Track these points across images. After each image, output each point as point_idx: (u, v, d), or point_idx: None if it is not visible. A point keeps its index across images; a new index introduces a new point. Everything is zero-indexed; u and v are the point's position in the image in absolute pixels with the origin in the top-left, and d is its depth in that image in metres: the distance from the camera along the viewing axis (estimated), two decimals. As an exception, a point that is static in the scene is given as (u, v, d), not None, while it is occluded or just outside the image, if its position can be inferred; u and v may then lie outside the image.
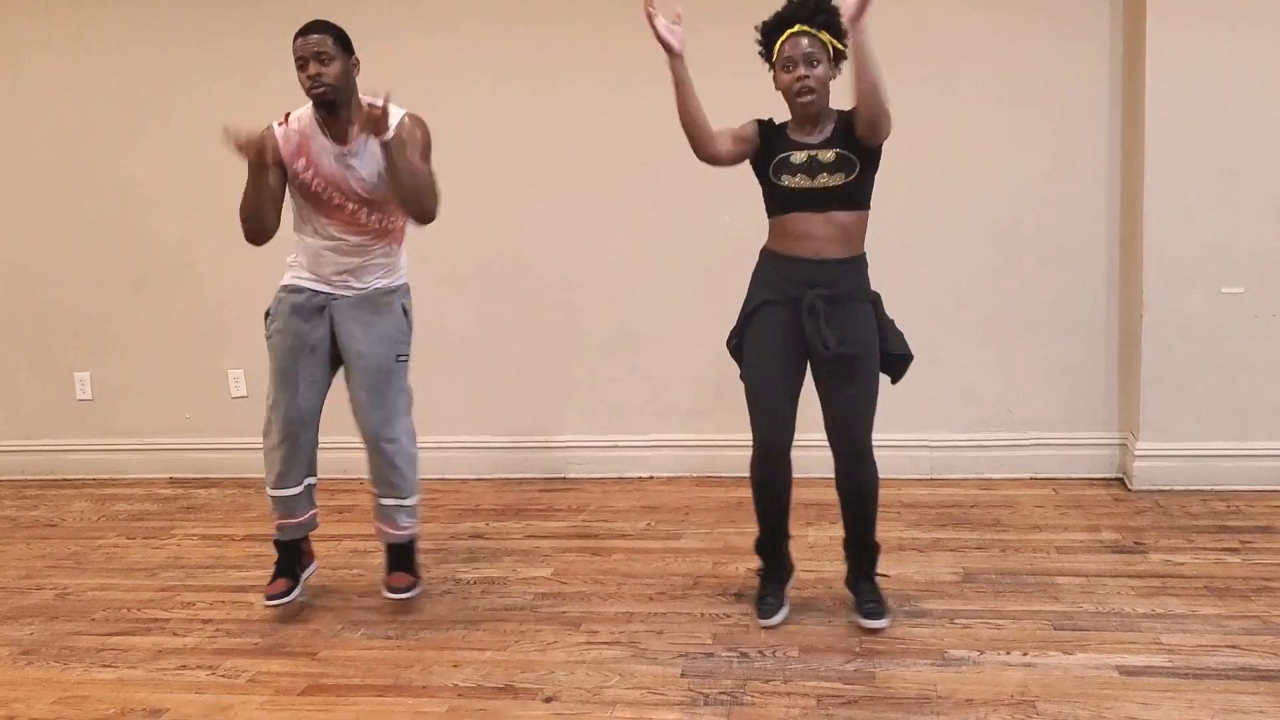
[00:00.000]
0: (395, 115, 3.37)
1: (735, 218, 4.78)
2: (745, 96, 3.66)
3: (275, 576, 3.69)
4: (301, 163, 3.45)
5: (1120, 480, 4.79)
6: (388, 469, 3.60)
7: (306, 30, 3.40)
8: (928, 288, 4.86)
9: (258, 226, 3.47)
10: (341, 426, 3.74)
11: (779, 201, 3.33)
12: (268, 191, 3.43)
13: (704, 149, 3.31)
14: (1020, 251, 4.80)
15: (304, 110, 3.48)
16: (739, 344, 3.45)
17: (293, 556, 3.73)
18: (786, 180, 3.27)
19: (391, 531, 3.70)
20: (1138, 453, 4.64)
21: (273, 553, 3.71)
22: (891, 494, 4.71)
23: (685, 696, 3.01)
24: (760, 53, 3.37)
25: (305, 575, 3.77)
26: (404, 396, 3.63)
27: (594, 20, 4.94)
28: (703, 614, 3.56)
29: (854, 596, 3.49)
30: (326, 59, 3.35)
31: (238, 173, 3.29)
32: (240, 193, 3.47)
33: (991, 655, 3.17)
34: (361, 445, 3.62)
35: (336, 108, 3.39)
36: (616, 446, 5.22)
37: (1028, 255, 4.80)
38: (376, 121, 3.19)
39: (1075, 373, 4.84)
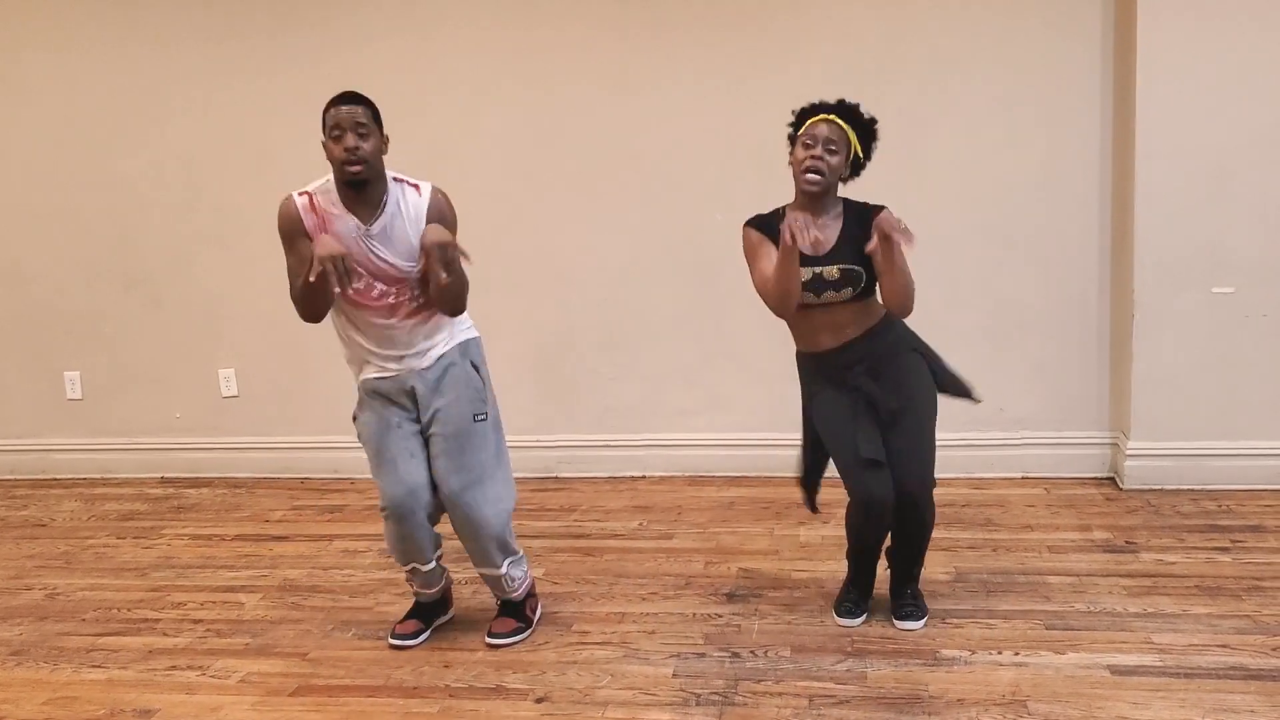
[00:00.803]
0: (424, 190, 3.25)
1: (728, 217, 4.76)
2: (749, 102, 3.65)
3: (409, 616, 3.54)
4: (329, 235, 3.19)
5: (1112, 480, 4.80)
6: (472, 537, 3.38)
7: (344, 99, 3.15)
8: (920, 287, 4.83)
9: (312, 313, 3.24)
10: (331, 425, 3.73)
11: None
12: (328, 290, 3.14)
13: (793, 308, 3.27)
14: (1012, 251, 4.81)
15: (322, 184, 3.23)
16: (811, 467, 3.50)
17: (432, 608, 3.57)
18: None
19: (501, 595, 3.51)
20: (1129, 452, 4.65)
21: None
22: (883, 493, 4.73)
23: (677, 697, 3.01)
24: (789, 134, 3.34)
25: (439, 621, 3.58)
26: (492, 461, 3.39)
27: (588, 21, 4.93)
28: (695, 614, 3.56)
29: (892, 600, 3.49)
30: (364, 132, 3.11)
31: (230, 173, 3.27)
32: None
33: (983, 655, 3.17)
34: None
35: (365, 186, 3.17)
36: (608, 446, 5.21)
37: (1019, 255, 4.80)
38: (449, 264, 3.10)
39: (1067, 372, 4.85)
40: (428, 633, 3.51)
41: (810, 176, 3.21)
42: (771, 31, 4.81)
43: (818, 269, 3.24)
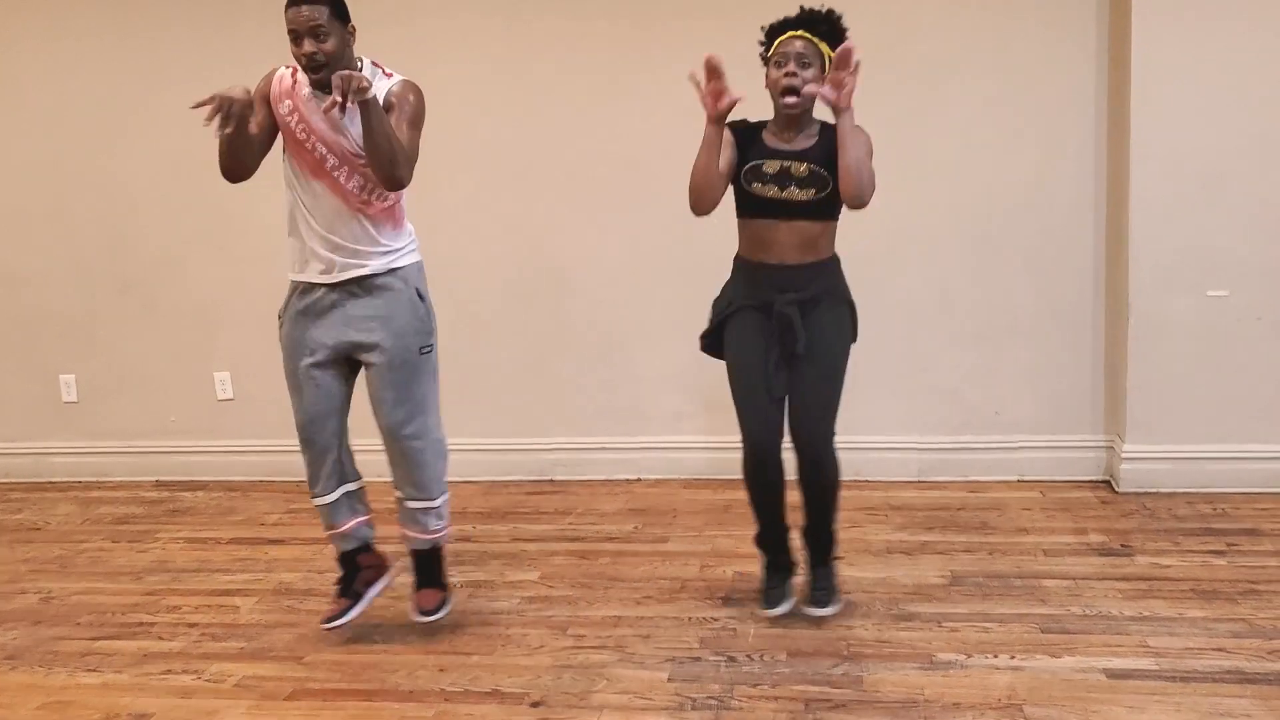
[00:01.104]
0: (396, 77, 3.23)
1: (722, 219, 4.77)
2: (745, 104, 3.64)
3: (338, 594, 3.53)
4: (287, 104, 3.22)
5: (1107, 483, 4.80)
6: (414, 469, 3.38)
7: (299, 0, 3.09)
8: (914, 290, 4.87)
9: (233, 166, 3.27)
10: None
11: (746, 206, 3.37)
12: (242, 141, 3.19)
13: (708, 208, 3.31)
14: (1006, 254, 4.81)
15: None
16: (712, 343, 3.51)
17: (351, 571, 3.53)
18: (755, 187, 3.30)
19: (418, 535, 3.48)
20: (1124, 455, 4.65)
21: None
22: (879, 496, 4.73)
23: (672, 701, 3.01)
24: (761, 54, 3.38)
25: (372, 592, 3.55)
26: (433, 391, 3.40)
27: (582, 21, 4.93)
28: (690, 618, 3.56)
29: (809, 582, 3.54)
30: (323, 34, 3.07)
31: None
32: None
33: (979, 658, 3.18)
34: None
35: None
36: (604, 449, 5.21)
37: (1014, 258, 4.81)
38: (349, 90, 2.96)
39: (1062, 375, 4.85)
40: (359, 606, 3.50)
41: (788, 100, 3.24)
42: (767, 35, 4.80)
43: (786, 163, 3.28)
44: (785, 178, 3.27)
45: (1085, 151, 4.71)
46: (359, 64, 3.21)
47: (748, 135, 3.36)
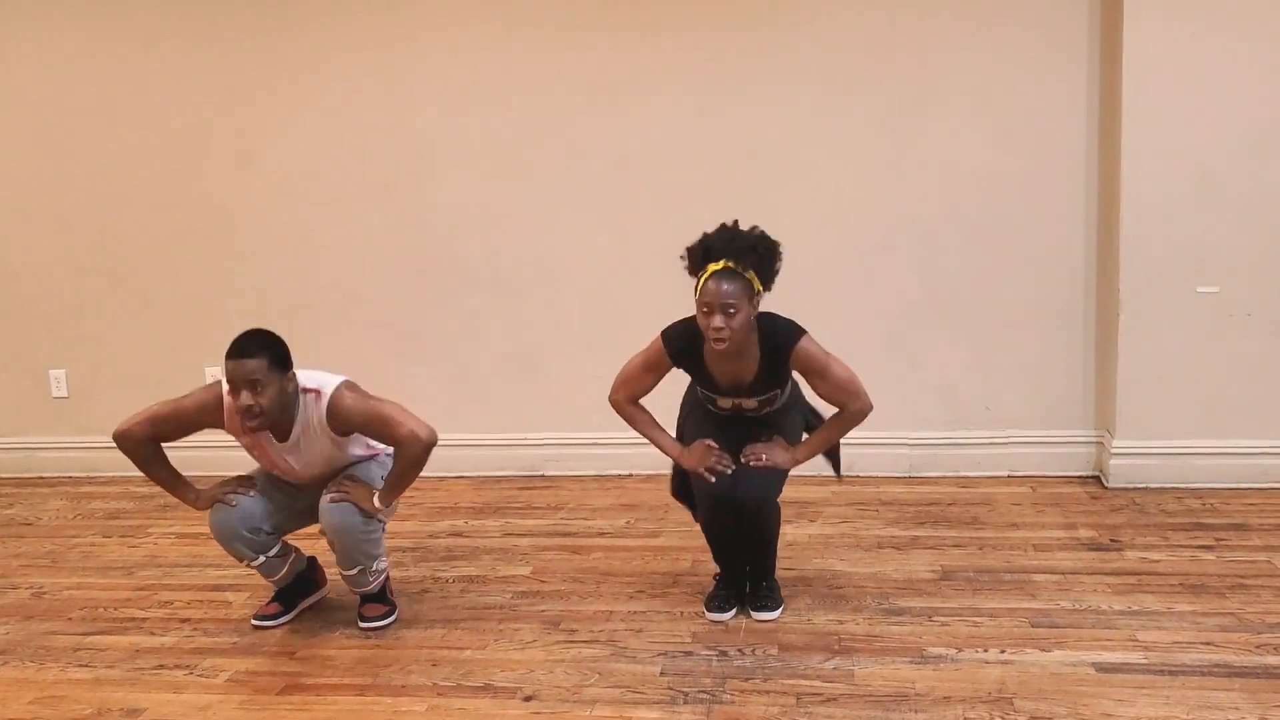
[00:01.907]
0: (324, 396, 3.32)
1: (715, 217, 4.77)
2: (736, 103, 3.65)
3: (271, 600, 3.65)
4: (246, 440, 3.41)
5: (1097, 478, 4.82)
6: (356, 552, 3.46)
7: (240, 352, 3.19)
8: (906, 287, 4.88)
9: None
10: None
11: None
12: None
13: None
14: (998, 251, 4.82)
15: None
16: (682, 479, 3.61)
17: (293, 589, 3.68)
18: (712, 408, 3.46)
19: (363, 590, 3.57)
20: (1114, 451, 4.67)
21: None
22: (870, 492, 4.75)
23: (665, 695, 3.02)
24: (685, 269, 3.30)
25: (304, 604, 3.69)
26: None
27: (576, 21, 4.93)
28: (682, 612, 3.56)
29: (750, 591, 3.59)
30: (260, 387, 3.18)
31: (215, 170, 3.23)
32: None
33: (969, 653, 3.19)
34: None
35: (273, 425, 3.32)
36: (596, 444, 5.21)
37: (1006, 254, 4.82)
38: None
39: (1052, 371, 4.87)
40: (290, 614, 3.64)
41: (719, 348, 3.20)
42: (759, 32, 4.81)
43: (738, 400, 3.40)
44: (739, 410, 3.43)
45: (1077, 149, 4.72)
46: (298, 399, 3.32)
47: (686, 359, 3.39)
